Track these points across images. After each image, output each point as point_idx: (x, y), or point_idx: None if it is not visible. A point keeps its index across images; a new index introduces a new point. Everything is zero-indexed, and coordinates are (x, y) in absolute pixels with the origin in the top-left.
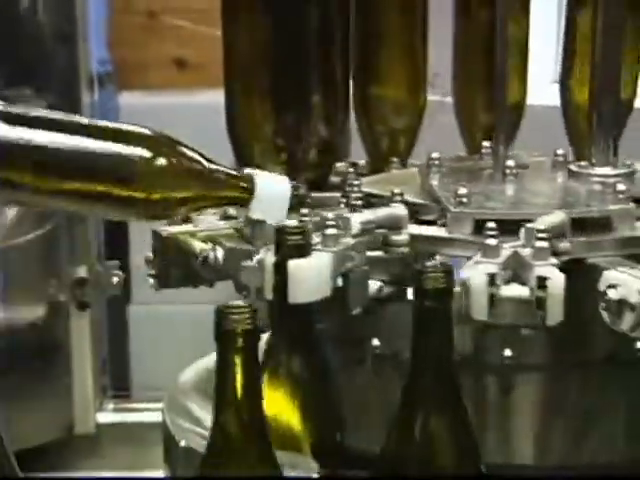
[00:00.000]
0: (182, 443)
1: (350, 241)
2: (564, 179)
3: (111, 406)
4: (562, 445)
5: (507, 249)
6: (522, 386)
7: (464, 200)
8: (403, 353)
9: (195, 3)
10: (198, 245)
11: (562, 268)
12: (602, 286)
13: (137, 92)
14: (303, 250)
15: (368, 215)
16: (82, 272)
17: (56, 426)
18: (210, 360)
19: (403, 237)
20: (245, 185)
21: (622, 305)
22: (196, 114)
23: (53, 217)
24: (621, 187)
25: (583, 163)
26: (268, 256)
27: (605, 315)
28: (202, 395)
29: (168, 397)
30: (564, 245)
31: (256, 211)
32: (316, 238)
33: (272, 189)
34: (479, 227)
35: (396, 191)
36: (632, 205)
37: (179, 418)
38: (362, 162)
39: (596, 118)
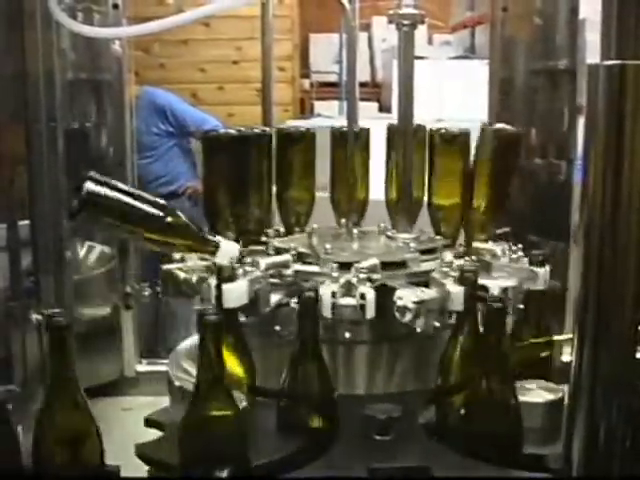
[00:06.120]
0: (176, 384)
1: (259, 274)
2: (384, 240)
3: (145, 361)
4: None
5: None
6: (357, 351)
7: (329, 251)
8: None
9: None
10: (181, 275)
11: (376, 288)
12: (395, 298)
13: None
14: (232, 278)
15: (271, 259)
16: (128, 289)
17: (113, 371)
18: (194, 338)
19: (290, 271)
20: (214, 246)
21: (404, 309)
22: None
23: (113, 260)
24: (413, 245)
25: (394, 230)
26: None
27: (397, 314)
28: (189, 357)
29: (170, 357)
30: (376, 276)
31: (218, 258)
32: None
33: (228, 248)
34: (341, 266)
35: (292, 246)
36: (418, 254)
37: (176, 370)
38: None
39: (401, 208)
